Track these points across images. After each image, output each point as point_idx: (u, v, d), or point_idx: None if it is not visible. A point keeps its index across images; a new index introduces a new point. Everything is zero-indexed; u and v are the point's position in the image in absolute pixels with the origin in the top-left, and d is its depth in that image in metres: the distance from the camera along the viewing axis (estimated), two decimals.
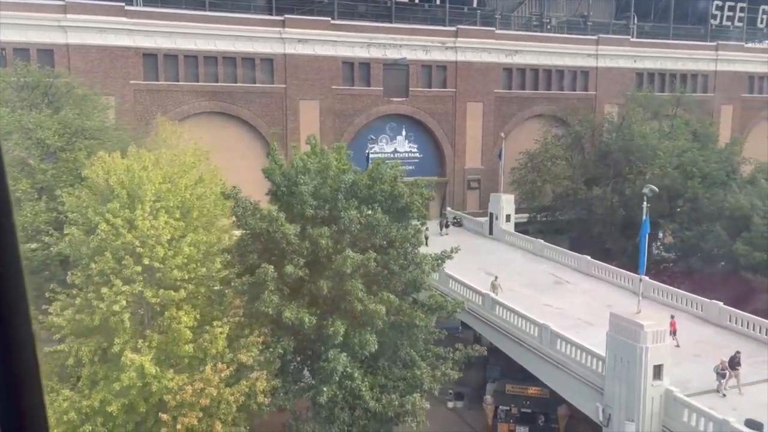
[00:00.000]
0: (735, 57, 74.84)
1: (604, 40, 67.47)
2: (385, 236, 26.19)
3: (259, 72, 54.09)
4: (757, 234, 40.55)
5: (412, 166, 62.00)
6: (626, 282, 40.59)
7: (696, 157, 49.53)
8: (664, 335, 23.49)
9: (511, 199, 55.05)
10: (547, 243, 48.66)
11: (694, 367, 28.60)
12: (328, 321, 24.66)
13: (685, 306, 36.14)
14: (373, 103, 58.55)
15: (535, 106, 65.08)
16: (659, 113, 60.60)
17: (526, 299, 38.03)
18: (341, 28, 56.22)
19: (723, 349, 30.75)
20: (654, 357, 23.05)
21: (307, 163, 26.43)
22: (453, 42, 60.38)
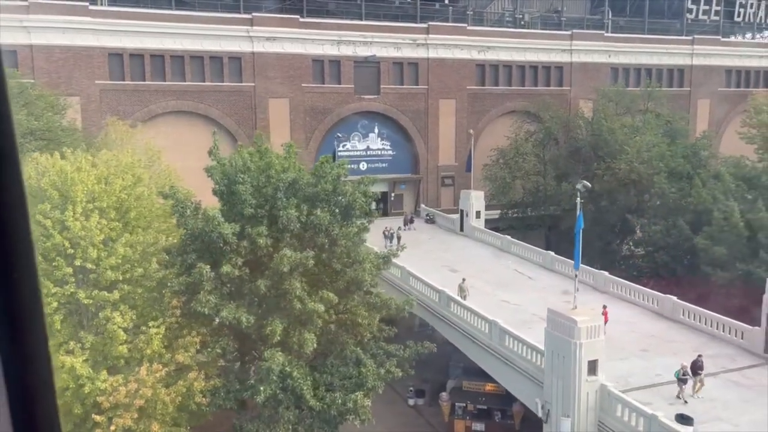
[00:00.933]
0: (711, 51, 74.87)
1: (578, 36, 67.48)
2: (327, 235, 26.19)
3: (227, 70, 54.01)
4: (717, 229, 40.61)
5: (385, 163, 62.29)
6: (587, 277, 40.59)
7: (663, 152, 49.56)
8: (599, 331, 23.53)
9: (480, 195, 55.05)
10: (514, 239, 48.71)
11: (640, 363, 28.72)
12: (268, 320, 24.67)
13: (641, 301, 36.24)
14: (344, 101, 58.48)
15: (509, 102, 65.08)
16: (632, 108, 60.58)
17: (486, 295, 38.15)
18: (310, 26, 56.11)
19: (671, 344, 30.98)
20: (588, 352, 23.09)
21: (247, 162, 26.38)
22: (424, 39, 60.32)
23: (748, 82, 78.02)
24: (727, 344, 30.62)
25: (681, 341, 31.14)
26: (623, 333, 32.17)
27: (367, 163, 61.17)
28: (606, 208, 51.55)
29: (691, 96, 74.96)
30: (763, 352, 29.10)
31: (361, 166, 61.02)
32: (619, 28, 72.86)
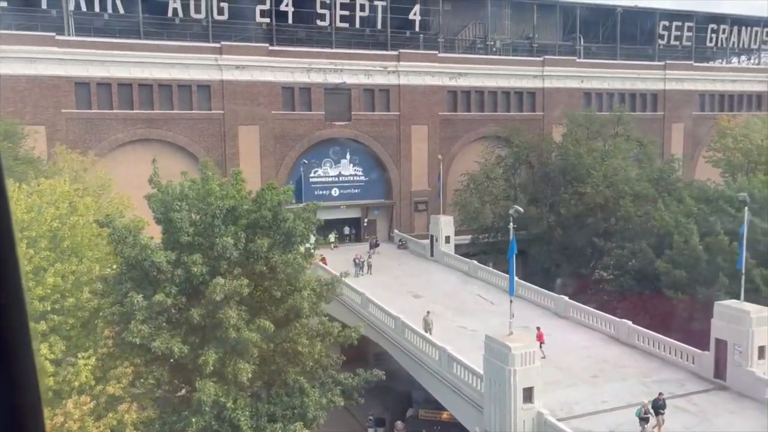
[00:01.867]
0: (684, 76, 75.62)
1: (549, 61, 68.10)
2: (266, 262, 25.99)
3: (196, 98, 54.24)
4: (678, 252, 40.52)
5: (358, 189, 62.33)
6: (549, 303, 40.42)
7: (629, 176, 49.68)
8: (534, 357, 23.24)
9: (450, 220, 55.06)
10: (481, 264, 48.55)
11: (588, 389, 28.37)
12: (204, 350, 24.35)
13: (599, 326, 36.00)
14: (314, 127, 58.69)
15: (481, 128, 65.38)
16: (603, 132, 60.84)
17: (445, 321, 37.91)
18: (280, 54, 56.54)
19: (622, 369, 30.69)
20: (523, 379, 22.80)
21: (185, 189, 26.28)
22: (395, 66, 60.79)
23: (722, 106, 78.57)
24: (679, 369, 30.34)
25: (633, 366, 30.84)
26: (577, 359, 31.96)
27: (339, 189, 61.25)
28: (574, 233, 51.54)
29: (665, 120, 75.50)
30: (712, 377, 28.81)
31: (333, 192, 61.19)
32: (592, 53, 73.68)
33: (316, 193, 60.00)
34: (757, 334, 27.21)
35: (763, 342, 27.45)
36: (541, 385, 28.08)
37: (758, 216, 39.88)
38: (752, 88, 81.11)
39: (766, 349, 27.58)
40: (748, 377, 27.09)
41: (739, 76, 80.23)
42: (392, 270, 51.42)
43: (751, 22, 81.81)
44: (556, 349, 33.20)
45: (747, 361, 27.26)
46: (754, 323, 27.19)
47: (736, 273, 37.52)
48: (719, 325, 28.58)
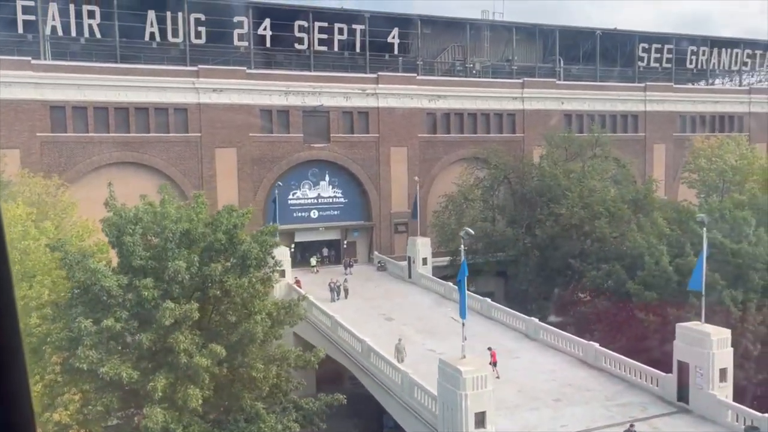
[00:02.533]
0: (664, 97, 76.13)
1: (529, 83, 68.55)
2: (220, 287, 25.79)
3: (172, 121, 54.31)
4: (648, 273, 40.36)
5: (337, 211, 62.25)
6: (520, 325, 40.13)
7: (604, 197, 49.70)
8: (486, 381, 22.96)
9: (427, 242, 54.96)
10: (455, 286, 48.20)
11: (549, 413, 27.99)
12: (155, 376, 24.03)
13: (568, 348, 35.68)
14: (293, 150, 58.75)
15: (461, 150, 65.51)
16: (582, 154, 61.00)
17: (413, 344, 37.52)
18: (258, 77, 56.78)
19: (587, 392, 30.35)
20: (474, 404, 22.49)
21: (139, 213, 26.14)
22: (374, 88, 61.08)
23: (703, 127, 79.05)
24: (644, 392, 30.01)
25: (597, 390, 30.51)
26: (542, 381, 31.62)
27: (319, 211, 61.17)
28: (551, 254, 51.40)
29: (646, 141, 75.87)
30: (676, 401, 28.49)
31: (312, 214, 61.10)
32: (571, 75, 74.24)
33: (294, 215, 60.10)
34: (717, 357, 26.98)
35: (725, 364, 27.22)
36: (505, 408, 27.90)
37: (728, 237, 39.89)
38: (733, 109, 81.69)
39: (727, 372, 27.34)
40: (710, 400, 26.79)
41: (720, 98, 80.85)
42: (368, 292, 51.15)
43: (731, 44, 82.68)
44: (522, 372, 32.96)
45: (708, 383, 26.99)
46: (715, 345, 26.97)
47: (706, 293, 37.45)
48: (681, 347, 28.35)
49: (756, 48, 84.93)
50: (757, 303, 37.16)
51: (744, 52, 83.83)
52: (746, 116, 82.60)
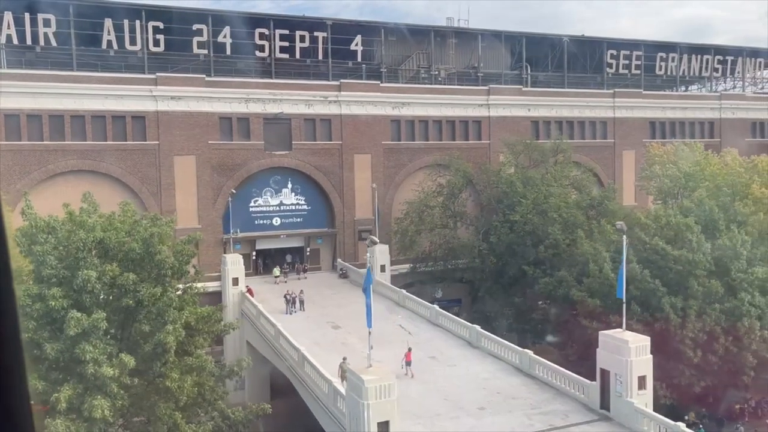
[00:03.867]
0: (633, 104, 76.28)
1: (495, 90, 68.61)
2: (133, 296, 25.69)
3: (130, 129, 54.21)
4: (594, 280, 40.33)
5: (300, 218, 62.12)
6: (464, 332, 40.04)
7: (558, 203, 49.70)
8: (391, 391, 22.84)
9: (385, 249, 54.93)
10: (408, 294, 48.25)
11: (470, 422, 27.86)
12: (62, 387, 23.90)
13: (505, 355, 35.59)
14: (254, 157, 58.66)
15: (426, 157, 65.43)
16: (545, 161, 61.04)
17: (353, 353, 37.37)
18: (217, 85, 56.76)
19: (514, 401, 30.27)
20: (377, 414, 22.36)
21: (51, 222, 26.05)
22: (336, 96, 61.07)
23: (673, 133, 79.19)
24: (572, 400, 29.93)
25: (525, 398, 30.41)
26: (472, 390, 31.53)
27: (281, 218, 61.07)
28: (507, 261, 51.38)
29: (615, 147, 75.94)
30: (599, 408, 28.41)
31: (275, 222, 61.00)
32: (539, 82, 74.38)
33: (256, 223, 60.03)
34: (636, 364, 26.92)
35: (643, 372, 27.16)
36: (427, 417, 27.81)
37: (671, 244, 39.89)
38: (704, 115, 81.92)
39: (647, 380, 27.27)
40: (628, 408, 26.71)
41: (690, 104, 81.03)
42: (324, 300, 51.07)
43: (701, 51, 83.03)
44: (455, 380, 32.87)
45: (627, 391, 26.91)
46: (633, 353, 26.92)
47: (647, 300, 37.49)
48: (603, 354, 28.31)
49: (727, 54, 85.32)
50: (697, 310, 37.07)
51: (714, 59, 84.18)
52: (717, 122, 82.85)
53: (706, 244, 38.23)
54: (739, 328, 36.64)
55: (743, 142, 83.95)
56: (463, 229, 59.00)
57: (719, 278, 38.35)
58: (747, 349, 37.14)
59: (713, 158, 49.11)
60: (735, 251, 37.77)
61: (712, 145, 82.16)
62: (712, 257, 38.65)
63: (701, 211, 41.53)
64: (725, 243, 38.29)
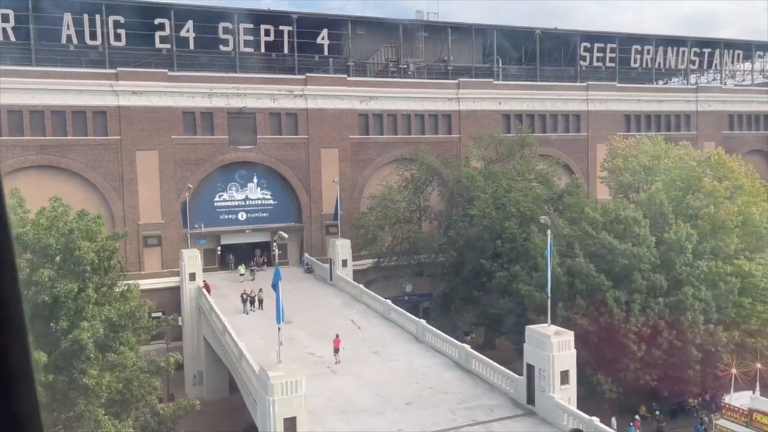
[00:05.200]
0: (607, 97, 75.98)
1: (465, 84, 68.34)
2: (49, 293, 25.61)
3: (91, 124, 54.06)
4: (542, 275, 40.18)
5: (266, 213, 62.01)
6: (411, 327, 39.97)
7: (517, 198, 49.53)
8: (297, 386, 22.79)
9: (347, 244, 54.83)
10: (365, 289, 48.20)
11: (395, 416, 27.81)
12: None
13: (446, 350, 35.54)
14: (218, 152, 58.51)
15: (395, 151, 65.17)
16: (513, 154, 60.82)
17: (297, 347, 37.52)
18: (180, 79, 56.52)
19: (443, 396, 30.24)
20: (283, 410, 22.32)
21: None
22: (302, 90, 60.84)
23: (649, 126, 78.91)
24: (501, 395, 29.92)
25: (456, 392, 30.37)
26: (405, 384, 31.51)
27: (247, 213, 60.95)
28: (467, 255, 51.27)
29: (589, 140, 75.68)
30: (525, 403, 28.37)
31: (240, 216, 60.89)
32: (511, 75, 74.09)
33: (221, 218, 59.92)
34: (558, 359, 26.87)
35: (566, 366, 27.10)
36: (351, 412, 27.77)
37: (620, 238, 39.78)
38: (680, 108, 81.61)
39: (569, 374, 27.22)
40: (551, 403, 26.67)
41: (665, 97, 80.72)
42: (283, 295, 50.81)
43: (677, 43, 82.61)
44: (390, 374, 32.83)
45: (550, 386, 26.86)
46: (555, 347, 26.86)
47: (593, 294, 37.39)
48: (528, 349, 28.26)
49: (704, 46, 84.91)
50: (641, 304, 36.99)
51: (691, 51, 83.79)
52: (694, 115, 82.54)
53: (651, 237, 38.10)
54: (683, 322, 36.57)
55: (720, 134, 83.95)
56: (427, 223, 58.94)
57: (665, 272, 38.25)
58: (691, 343, 37.07)
59: (673, 151, 48.86)
60: (680, 245, 37.63)
61: (689, 138, 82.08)
62: (658, 251, 38.53)
63: (652, 205, 41.38)
64: (671, 237, 38.15)
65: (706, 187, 41.26)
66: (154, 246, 56.42)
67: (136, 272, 55.89)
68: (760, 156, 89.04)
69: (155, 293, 55.17)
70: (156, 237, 56.44)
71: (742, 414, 34.57)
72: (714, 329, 37.56)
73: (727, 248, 40.37)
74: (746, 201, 41.57)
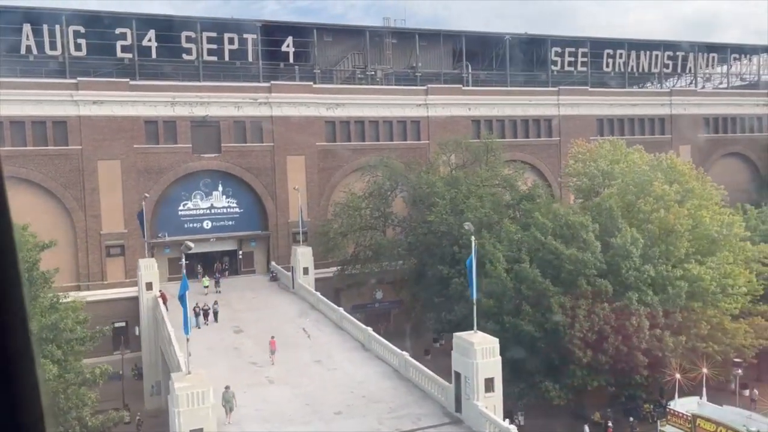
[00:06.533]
0: (579, 101, 75.99)
1: (433, 90, 68.32)
2: None
3: (51, 134, 54.02)
4: (490, 281, 40.01)
5: (232, 221, 61.88)
6: (361, 335, 39.72)
7: (475, 204, 49.37)
8: (204, 397, 22.58)
9: (308, 251, 54.65)
10: (322, 297, 47.93)
11: (321, 427, 27.56)
12: None
13: (389, 358, 35.31)
14: (181, 161, 58.43)
15: (363, 158, 64.98)
16: (479, 160, 60.67)
17: (241, 357, 37.32)
18: (142, 89, 56.52)
19: (376, 404, 30.03)
20: (189, 421, 22.11)
21: None
22: (266, 98, 60.82)
23: (622, 130, 78.88)
24: (434, 403, 29.71)
25: (388, 401, 30.12)
26: (339, 394, 31.27)
27: (212, 221, 60.82)
28: (426, 261, 51.10)
29: (561, 145, 75.55)
30: (454, 411, 28.13)
31: (205, 225, 60.75)
32: (481, 81, 74.04)
33: (186, 226, 59.75)
34: (482, 366, 26.65)
35: (490, 374, 26.88)
36: (278, 422, 27.52)
37: (568, 243, 39.60)
38: (654, 111, 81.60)
39: (494, 382, 26.98)
40: (475, 411, 26.44)
41: (638, 100, 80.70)
42: (242, 304, 50.87)
43: (650, 47, 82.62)
44: (327, 384, 32.59)
45: (474, 394, 26.64)
46: (479, 355, 26.65)
47: (539, 301, 37.20)
48: (455, 357, 28.04)
49: (677, 50, 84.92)
50: (586, 310, 36.77)
51: (664, 54, 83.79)
52: (668, 118, 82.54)
53: (596, 243, 37.92)
54: (628, 328, 36.32)
55: (696, 138, 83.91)
56: (391, 230, 58.79)
57: (613, 277, 38.05)
58: (637, 349, 36.80)
59: (631, 155, 48.72)
60: (626, 250, 37.43)
61: (664, 142, 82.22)
62: (605, 256, 38.35)
63: (603, 210, 41.22)
64: (617, 242, 37.97)
65: (657, 191, 41.09)
66: (117, 256, 56.27)
67: (98, 282, 56.01)
68: (738, 159, 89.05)
69: (118, 303, 55.26)
70: (119, 246, 56.31)
71: (686, 420, 34.34)
72: (661, 334, 37.33)
73: (677, 252, 40.18)
74: (696, 205, 41.38)
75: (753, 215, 50.97)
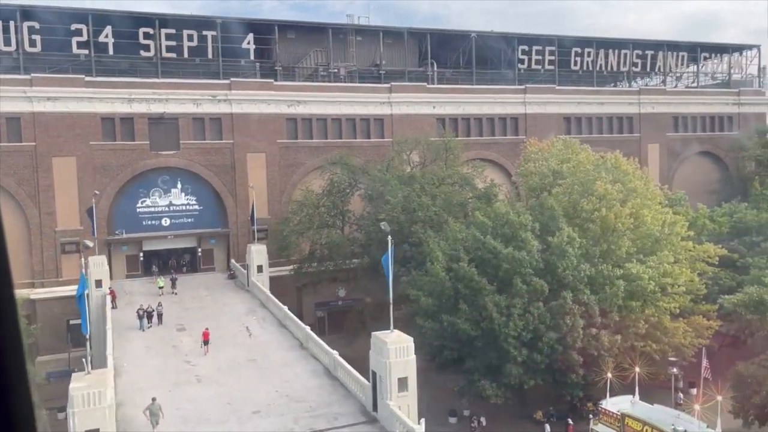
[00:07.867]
0: (546, 99, 76.06)
1: (397, 88, 68.25)
2: None
3: (4, 131, 53.75)
4: (430, 280, 40.09)
5: (191, 218, 61.71)
6: (300, 334, 39.74)
7: (425, 203, 49.40)
8: (101, 397, 22.53)
9: (262, 249, 54.57)
10: (271, 296, 47.87)
11: (233, 427, 27.55)
12: None
13: (323, 357, 35.33)
14: (139, 157, 58.22)
15: (326, 155, 64.86)
16: (439, 158, 60.68)
17: (177, 356, 37.25)
18: (98, 85, 56.26)
19: (297, 404, 30.15)
20: (84, 421, 22.07)
21: None
22: (225, 95, 60.64)
23: (590, 129, 79.10)
24: (356, 402, 29.75)
25: (309, 401, 30.14)
26: (264, 393, 31.29)
27: (171, 218, 60.64)
28: (378, 259, 51.02)
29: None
30: (372, 410, 28.19)
31: (164, 222, 60.56)
32: (446, 79, 74.01)
33: (144, 224, 59.57)
34: (395, 366, 26.72)
35: (404, 374, 26.94)
36: (195, 422, 27.50)
37: (508, 242, 39.69)
38: (623, 110, 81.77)
39: (407, 381, 27.05)
40: (389, 411, 26.50)
41: (606, 99, 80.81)
42: (193, 302, 50.73)
43: (618, 45, 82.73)
44: (253, 382, 32.57)
45: (388, 393, 26.69)
46: (393, 354, 26.71)
47: (475, 299, 37.28)
48: (372, 356, 28.09)
49: (646, 48, 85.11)
50: (521, 309, 36.88)
51: (633, 53, 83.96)
52: (636, 117, 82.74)
53: (534, 242, 38.02)
54: (562, 327, 36.45)
55: (665, 137, 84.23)
56: (348, 227, 58.79)
57: (550, 276, 38.17)
58: (572, 348, 36.94)
59: (584, 154, 48.82)
60: (562, 249, 37.55)
61: (633, 141, 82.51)
62: (543, 256, 38.46)
63: (544, 209, 41.32)
64: (554, 241, 38.08)
65: (599, 191, 41.21)
66: (72, 252, 55.99)
67: (53, 279, 55.80)
68: (709, 158, 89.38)
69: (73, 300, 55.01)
70: (74, 243, 56.01)
71: (616, 419, 34.52)
72: (598, 333, 37.49)
73: (619, 251, 40.34)
74: (638, 204, 41.51)
75: (704, 214, 51.17)
